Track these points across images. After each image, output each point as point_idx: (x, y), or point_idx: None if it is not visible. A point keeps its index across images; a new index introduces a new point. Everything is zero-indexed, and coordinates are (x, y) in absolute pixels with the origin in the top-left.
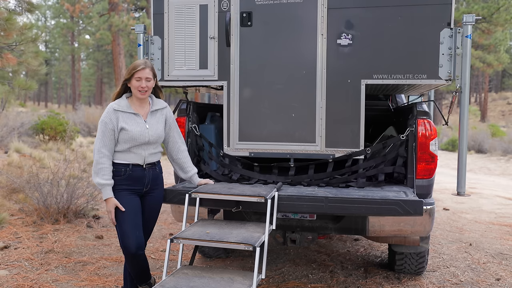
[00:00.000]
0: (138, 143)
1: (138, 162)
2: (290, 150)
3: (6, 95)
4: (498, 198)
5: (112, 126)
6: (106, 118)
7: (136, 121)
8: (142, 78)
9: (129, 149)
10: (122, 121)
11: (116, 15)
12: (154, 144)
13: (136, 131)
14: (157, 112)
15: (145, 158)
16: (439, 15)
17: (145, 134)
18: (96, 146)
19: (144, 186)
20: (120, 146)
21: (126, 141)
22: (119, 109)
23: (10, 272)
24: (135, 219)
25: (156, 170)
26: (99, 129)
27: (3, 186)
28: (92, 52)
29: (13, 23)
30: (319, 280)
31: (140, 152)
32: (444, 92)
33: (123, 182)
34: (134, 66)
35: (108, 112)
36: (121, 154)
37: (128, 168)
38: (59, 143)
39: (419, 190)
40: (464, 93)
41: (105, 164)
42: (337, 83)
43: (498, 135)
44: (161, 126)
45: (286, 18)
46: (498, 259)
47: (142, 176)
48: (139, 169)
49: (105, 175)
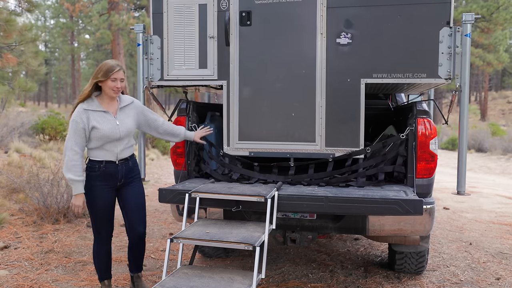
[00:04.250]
0: (110, 140)
1: (111, 159)
2: (290, 150)
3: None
4: (498, 197)
5: (82, 125)
6: (76, 117)
7: (107, 118)
8: (117, 79)
9: (102, 146)
10: (93, 120)
11: (116, 14)
12: (125, 139)
13: (107, 129)
14: (126, 108)
15: (117, 154)
16: (438, 14)
17: (116, 131)
18: (68, 144)
19: (118, 181)
20: (92, 143)
21: (99, 139)
22: (89, 108)
23: (10, 272)
24: (109, 213)
25: (129, 164)
26: (70, 128)
27: (3, 186)
28: (92, 52)
29: (13, 24)
30: (319, 280)
31: (112, 149)
32: (444, 91)
33: (98, 178)
34: (111, 68)
35: (79, 112)
36: (94, 152)
37: (102, 164)
38: (59, 143)
39: (419, 189)
40: (464, 92)
41: (78, 162)
42: (337, 82)
43: (498, 134)
44: (131, 120)
45: (286, 17)
46: (498, 258)
47: (115, 172)
48: (112, 165)
49: (77, 172)
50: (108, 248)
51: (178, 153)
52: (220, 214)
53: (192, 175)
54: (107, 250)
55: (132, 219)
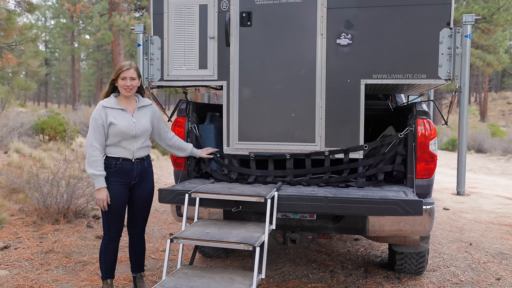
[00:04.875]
0: (127, 136)
1: (127, 157)
2: (290, 150)
3: (6, 95)
4: (498, 198)
5: (101, 121)
6: (96, 114)
7: (124, 116)
8: (127, 77)
9: (119, 143)
10: (111, 116)
11: (117, 15)
12: (141, 138)
13: (123, 125)
14: (143, 108)
15: (134, 152)
16: (438, 14)
17: (132, 128)
18: (88, 141)
19: (133, 179)
20: (109, 140)
21: (116, 135)
22: (108, 106)
23: (10, 272)
24: (121, 210)
25: (144, 164)
26: (91, 125)
27: (3, 186)
28: (92, 52)
29: (13, 23)
30: (319, 280)
31: (128, 146)
32: (443, 91)
33: (114, 175)
34: (120, 67)
35: (98, 109)
36: (111, 148)
37: (118, 161)
38: (59, 143)
39: (418, 189)
40: (463, 92)
41: (98, 157)
42: (337, 83)
43: (498, 135)
44: (147, 120)
45: (286, 18)
46: (498, 259)
47: (131, 170)
48: (128, 163)
49: (98, 167)
50: (116, 246)
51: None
52: (220, 214)
53: (192, 176)
54: (115, 248)
55: (135, 217)
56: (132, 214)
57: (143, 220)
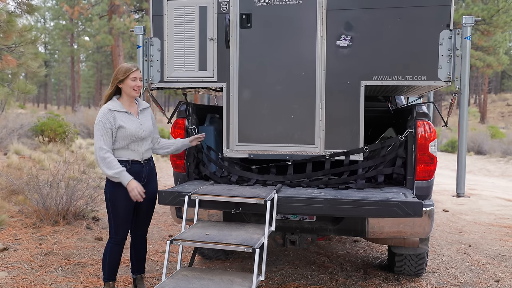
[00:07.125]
0: (136, 139)
1: (136, 159)
2: (289, 152)
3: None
4: (498, 200)
5: (110, 125)
6: (103, 118)
7: (131, 119)
8: (137, 78)
9: (127, 146)
10: (119, 120)
11: (117, 17)
12: (148, 139)
13: (133, 128)
14: (145, 110)
15: (142, 154)
16: (438, 16)
17: (140, 130)
18: (97, 145)
19: (142, 180)
20: (118, 143)
21: (125, 138)
22: (114, 109)
23: (9, 274)
24: (130, 214)
25: (150, 165)
26: (97, 130)
27: (2, 187)
28: (91, 54)
29: (12, 25)
30: (319, 282)
31: (137, 149)
32: (443, 93)
33: None
34: (128, 68)
35: (104, 113)
36: (120, 152)
37: (128, 164)
38: (58, 145)
39: (418, 191)
40: (463, 94)
41: (111, 157)
42: (337, 85)
43: (498, 137)
44: (150, 122)
45: (286, 19)
46: (497, 261)
47: (140, 171)
48: (137, 164)
49: (116, 165)
50: (121, 250)
51: (178, 155)
52: (219, 216)
53: (192, 177)
54: (120, 251)
55: (141, 217)
56: (137, 215)
57: (148, 221)
